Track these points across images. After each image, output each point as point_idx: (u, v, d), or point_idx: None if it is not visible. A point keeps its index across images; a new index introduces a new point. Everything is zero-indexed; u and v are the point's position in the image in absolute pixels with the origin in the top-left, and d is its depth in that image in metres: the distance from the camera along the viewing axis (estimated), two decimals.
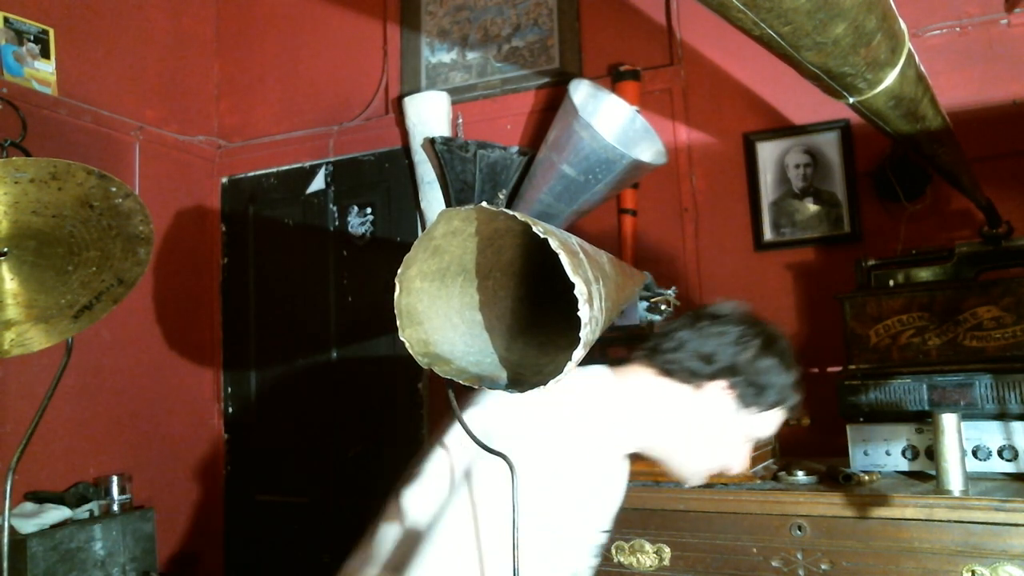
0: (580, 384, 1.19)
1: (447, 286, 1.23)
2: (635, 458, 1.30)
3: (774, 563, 1.70)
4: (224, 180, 3.43)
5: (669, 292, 2.17)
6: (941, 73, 2.27)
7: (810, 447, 2.20)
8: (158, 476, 3.02)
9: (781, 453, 2.15)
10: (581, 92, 2.42)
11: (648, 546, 1.83)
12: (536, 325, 1.34)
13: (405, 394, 3.02)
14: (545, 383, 1.11)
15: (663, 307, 1.97)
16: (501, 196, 2.38)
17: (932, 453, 1.69)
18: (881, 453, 1.83)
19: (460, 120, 2.98)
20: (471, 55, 3.05)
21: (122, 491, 2.67)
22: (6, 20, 2.62)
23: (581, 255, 1.12)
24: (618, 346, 2.23)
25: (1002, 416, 1.72)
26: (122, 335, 2.90)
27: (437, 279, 1.21)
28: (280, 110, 3.39)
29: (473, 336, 1.26)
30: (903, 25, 1.21)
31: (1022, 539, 1.49)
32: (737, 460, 1.24)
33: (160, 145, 3.15)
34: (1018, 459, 1.71)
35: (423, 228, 2.81)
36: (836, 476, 1.77)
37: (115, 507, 2.64)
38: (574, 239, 1.18)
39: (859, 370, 1.91)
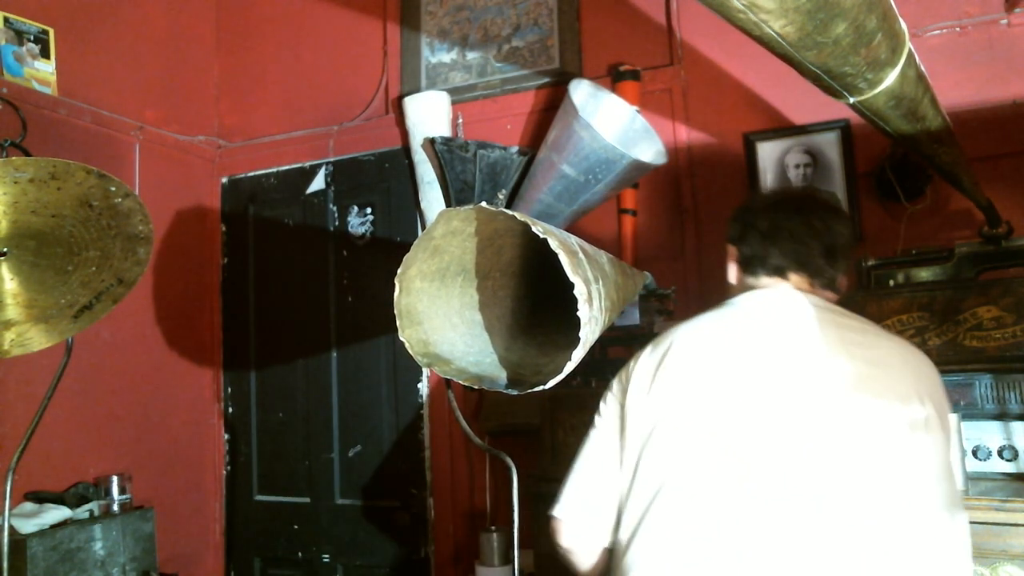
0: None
1: (447, 286, 1.23)
2: None
3: None
4: (224, 180, 3.43)
5: (669, 292, 2.17)
6: (941, 73, 2.27)
7: None
8: (158, 476, 3.02)
9: None
10: (581, 92, 2.42)
11: None
12: (536, 325, 1.34)
13: (405, 394, 3.02)
14: (545, 383, 1.11)
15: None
16: (501, 196, 2.38)
17: None
18: None
19: (460, 120, 2.98)
20: (471, 55, 3.05)
21: (122, 491, 2.67)
22: (6, 20, 2.62)
23: (581, 255, 1.12)
24: (618, 346, 2.23)
25: (1002, 416, 1.72)
26: (122, 335, 2.90)
27: (437, 279, 1.21)
28: (280, 110, 3.39)
29: (473, 336, 1.26)
30: (903, 25, 1.21)
31: (1022, 539, 1.49)
32: None
33: (160, 145, 3.15)
34: (1018, 459, 1.71)
35: (423, 228, 2.81)
36: None
37: (115, 507, 2.64)
38: (574, 239, 1.18)
39: None
